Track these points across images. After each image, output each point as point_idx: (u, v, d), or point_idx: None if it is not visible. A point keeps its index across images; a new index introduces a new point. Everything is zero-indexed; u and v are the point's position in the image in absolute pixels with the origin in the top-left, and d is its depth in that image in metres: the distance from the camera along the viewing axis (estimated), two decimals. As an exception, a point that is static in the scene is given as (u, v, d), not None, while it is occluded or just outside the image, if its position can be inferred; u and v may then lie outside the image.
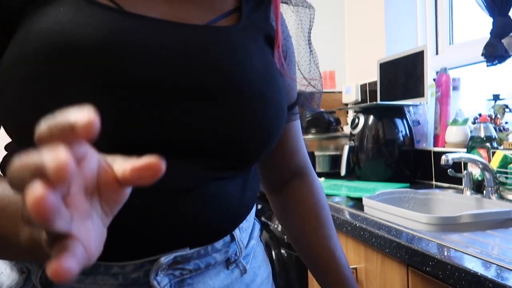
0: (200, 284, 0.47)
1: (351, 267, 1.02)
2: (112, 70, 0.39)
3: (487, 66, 1.46)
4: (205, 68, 0.43)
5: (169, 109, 0.41)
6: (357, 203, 1.23)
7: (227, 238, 0.49)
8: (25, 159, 0.20)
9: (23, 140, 0.41)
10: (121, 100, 0.39)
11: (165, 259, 0.43)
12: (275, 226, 1.55)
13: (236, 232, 0.51)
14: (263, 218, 1.69)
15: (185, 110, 0.41)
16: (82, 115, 0.20)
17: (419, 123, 1.67)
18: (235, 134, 0.44)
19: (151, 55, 0.41)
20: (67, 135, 0.20)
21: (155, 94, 0.40)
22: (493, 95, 1.42)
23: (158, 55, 0.41)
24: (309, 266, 0.65)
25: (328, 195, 1.35)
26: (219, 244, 0.48)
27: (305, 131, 1.92)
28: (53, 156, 0.19)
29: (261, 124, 0.46)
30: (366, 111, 1.60)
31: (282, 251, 1.47)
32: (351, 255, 1.05)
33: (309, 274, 1.33)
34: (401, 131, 1.55)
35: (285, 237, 1.44)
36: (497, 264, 0.65)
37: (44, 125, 0.20)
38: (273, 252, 1.51)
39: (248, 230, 0.55)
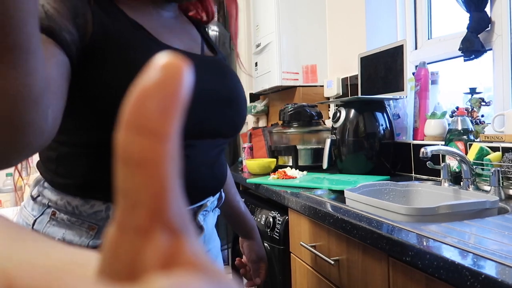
0: (208, 219, 0.80)
1: (333, 258, 1.04)
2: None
3: (464, 60, 1.50)
4: (231, 90, 0.76)
5: (214, 111, 0.71)
6: (339, 195, 1.24)
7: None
8: None
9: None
10: (198, 99, 0.68)
11: (209, 202, 0.76)
12: (258, 220, 1.56)
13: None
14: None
15: (220, 113, 0.72)
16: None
17: (399, 117, 1.70)
18: (240, 124, 0.79)
19: (206, 81, 0.72)
20: None
21: (211, 99, 0.71)
22: (470, 89, 1.45)
23: (207, 79, 0.72)
24: (225, 213, 0.99)
25: (310, 188, 1.36)
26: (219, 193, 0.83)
27: (288, 124, 1.93)
28: None
29: (245, 116, 0.81)
30: (347, 105, 1.62)
31: (265, 244, 1.48)
32: (334, 247, 1.07)
33: (292, 267, 1.35)
34: (382, 125, 1.57)
35: (268, 230, 1.45)
36: (473, 253, 0.67)
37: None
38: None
39: None
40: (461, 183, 1.20)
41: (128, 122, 0.15)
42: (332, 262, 1.03)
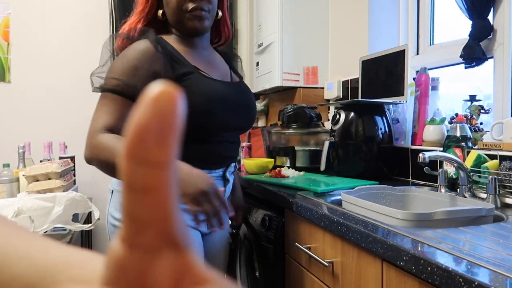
0: (230, 178, 1.20)
1: (327, 260, 1.05)
2: (228, 102, 1.11)
3: (465, 67, 1.50)
4: (246, 100, 1.21)
5: (238, 113, 1.14)
6: (336, 198, 1.24)
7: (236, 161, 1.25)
8: None
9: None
10: (226, 110, 1.10)
11: (232, 165, 1.20)
12: (254, 219, 1.56)
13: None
14: (242, 211, 1.70)
15: (242, 114, 1.17)
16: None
17: (398, 121, 1.70)
18: (252, 121, 1.26)
19: (232, 97, 1.13)
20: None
21: (235, 107, 1.13)
22: (470, 96, 1.45)
23: (233, 97, 1.13)
24: None
25: (307, 190, 1.36)
26: (235, 162, 1.24)
27: (286, 125, 1.93)
28: None
29: (255, 117, 1.29)
30: (347, 108, 1.62)
31: (262, 243, 1.48)
32: (328, 249, 1.07)
33: (287, 266, 1.35)
34: (381, 129, 1.58)
35: (264, 230, 1.45)
36: (467, 260, 0.67)
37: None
38: (253, 245, 1.52)
39: None
40: (458, 189, 1.20)
41: (131, 153, 0.16)
42: (326, 264, 1.03)
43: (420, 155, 1.14)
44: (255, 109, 1.26)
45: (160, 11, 1.11)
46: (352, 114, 1.59)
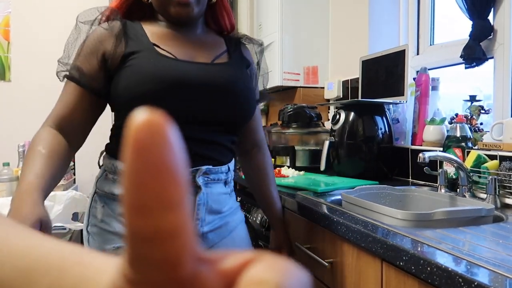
0: (213, 188, 0.98)
1: (327, 260, 1.05)
2: (182, 85, 0.91)
3: (466, 67, 1.50)
4: (221, 84, 0.95)
5: (206, 100, 0.93)
6: (336, 198, 1.24)
7: (226, 167, 1.01)
8: None
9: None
10: (185, 96, 0.91)
11: (204, 168, 0.94)
12: (254, 219, 1.56)
13: (230, 167, 1.03)
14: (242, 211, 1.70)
15: (213, 102, 0.94)
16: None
17: (398, 121, 1.70)
18: (235, 114, 0.98)
19: (196, 80, 0.93)
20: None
21: (202, 92, 0.92)
22: (470, 96, 1.45)
23: (198, 80, 0.93)
24: (257, 197, 1.20)
25: (307, 190, 1.36)
26: (224, 168, 1.00)
27: (286, 125, 1.93)
28: None
29: (244, 110, 1.01)
30: (347, 108, 1.62)
31: (260, 243, 1.48)
32: (328, 248, 1.07)
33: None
34: (381, 129, 1.58)
35: (263, 230, 1.45)
36: (467, 260, 0.67)
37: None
38: (252, 245, 1.52)
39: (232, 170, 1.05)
40: (458, 190, 1.20)
41: (134, 204, 0.14)
42: (326, 264, 1.03)
43: (420, 155, 1.14)
44: (243, 99, 0.99)
45: None
46: (352, 114, 1.59)
